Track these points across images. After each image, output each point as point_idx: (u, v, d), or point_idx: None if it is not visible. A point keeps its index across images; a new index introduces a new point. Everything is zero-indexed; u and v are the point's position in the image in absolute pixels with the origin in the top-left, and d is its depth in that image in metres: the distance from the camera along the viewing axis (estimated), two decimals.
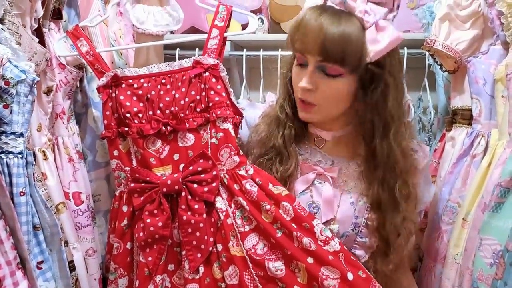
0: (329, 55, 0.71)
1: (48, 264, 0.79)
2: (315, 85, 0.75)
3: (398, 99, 0.78)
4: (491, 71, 0.93)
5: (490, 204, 0.77)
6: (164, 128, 0.79)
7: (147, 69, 0.81)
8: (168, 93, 0.79)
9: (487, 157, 0.90)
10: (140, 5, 0.84)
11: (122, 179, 0.83)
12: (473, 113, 0.98)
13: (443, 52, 1.00)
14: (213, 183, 0.78)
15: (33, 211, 0.78)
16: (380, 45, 0.70)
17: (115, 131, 0.82)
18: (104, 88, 0.82)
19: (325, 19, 0.70)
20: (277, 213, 0.76)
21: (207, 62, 0.79)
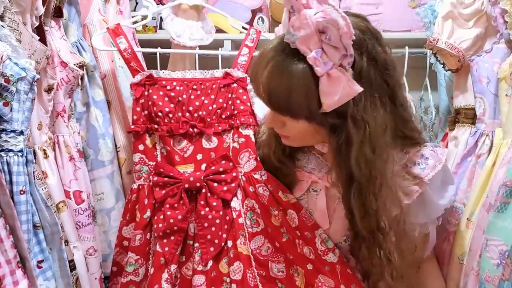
0: (276, 108, 0.70)
1: (49, 263, 0.79)
2: (280, 124, 0.73)
3: (367, 150, 0.67)
4: (495, 69, 0.93)
5: (496, 204, 0.76)
6: (191, 130, 0.87)
7: (181, 74, 0.89)
8: (198, 98, 0.87)
9: (491, 156, 0.90)
10: (178, 19, 0.93)
11: (143, 173, 0.88)
12: (477, 112, 0.98)
13: (446, 50, 0.99)
14: (232, 183, 0.85)
15: (33, 210, 0.77)
16: (331, 98, 0.63)
17: (144, 127, 0.88)
18: (137, 86, 0.88)
19: (272, 67, 0.65)
20: (283, 219, 0.82)
21: (237, 75, 0.89)
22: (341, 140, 0.68)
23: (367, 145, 0.67)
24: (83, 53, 0.99)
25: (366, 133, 0.66)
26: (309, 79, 0.63)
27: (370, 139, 0.67)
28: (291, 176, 0.84)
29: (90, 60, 1.00)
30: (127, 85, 1.14)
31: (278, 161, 0.83)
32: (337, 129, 0.68)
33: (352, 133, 0.66)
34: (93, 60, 1.02)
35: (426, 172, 0.77)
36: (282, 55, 0.65)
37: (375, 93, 0.67)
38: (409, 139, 0.79)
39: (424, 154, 0.79)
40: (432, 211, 0.82)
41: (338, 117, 0.66)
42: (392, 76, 0.70)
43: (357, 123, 0.66)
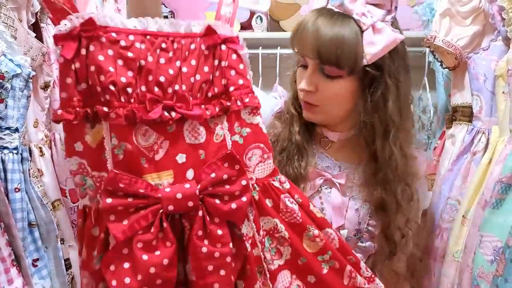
0: (324, 57, 0.72)
1: (44, 262, 0.78)
2: (314, 87, 0.75)
3: (399, 102, 0.76)
4: (492, 67, 0.92)
5: (491, 201, 0.76)
6: (166, 114, 0.52)
7: (140, 23, 0.52)
8: (170, 64, 0.53)
9: (487, 154, 0.89)
10: None
11: (88, 188, 0.51)
12: (474, 109, 0.97)
13: (444, 48, 0.99)
14: (242, 197, 0.54)
15: (28, 208, 0.77)
16: (376, 47, 0.70)
17: (82, 111, 0.50)
18: (66, 39, 0.48)
19: (321, 22, 0.71)
20: (327, 241, 0.58)
21: (225, 32, 0.56)
22: (379, 91, 0.74)
23: (398, 96, 0.75)
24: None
25: (397, 85, 0.75)
26: (356, 32, 0.70)
27: (401, 94, 0.75)
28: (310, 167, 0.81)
29: None
30: None
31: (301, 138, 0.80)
32: (374, 82, 0.73)
33: (390, 83, 0.73)
34: None
35: (420, 168, 0.82)
36: (328, 14, 0.72)
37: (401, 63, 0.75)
38: None
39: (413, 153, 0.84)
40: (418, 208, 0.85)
41: (377, 69, 0.72)
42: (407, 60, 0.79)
43: (391, 76, 0.74)
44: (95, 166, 0.51)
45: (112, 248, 0.49)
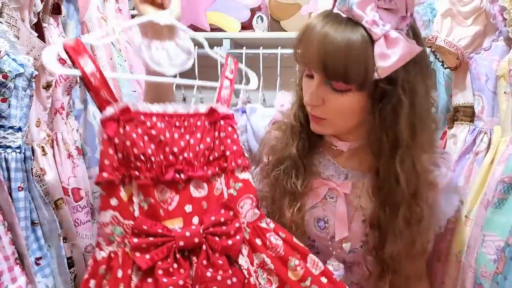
0: (331, 73, 0.66)
1: (47, 260, 0.79)
2: (321, 101, 0.70)
3: (413, 116, 0.69)
4: (494, 67, 0.93)
5: (493, 200, 0.76)
6: (177, 176, 0.68)
7: (161, 108, 0.70)
8: (182, 137, 0.70)
9: (489, 154, 0.89)
10: (154, 42, 0.73)
11: (116, 236, 0.64)
12: (476, 110, 0.98)
13: (445, 48, 0.99)
14: (236, 236, 0.69)
15: (31, 207, 0.77)
16: (389, 61, 0.62)
17: (120, 174, 0.65)
18: (109, 121, 0.65)
19: (327, 32, 0.64)
20: (306, 269, 0.70)
21: (223, 111, 0.74)
22: (389, 106, 0.68)
23: (413, 112, 0.68)
24: None
25: (412, 100, 0.68)
26: (367, 42, 0.63)
27: (416, 106, 0.68)
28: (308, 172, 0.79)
29: None
30: (125, 82, 1.14)
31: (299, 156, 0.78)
32: (386, 97, 0.67)
33: (403, 98, 0.67)
34: None
35: (440, 180, 0.76)
36: (335, 20, 0.65)
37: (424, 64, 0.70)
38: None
39: (436, 162, 0.77)
40: (437, 220, 0.80)
41: (389, 83, 0.66)
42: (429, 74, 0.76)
43: (406, 90, 0.67)
44: (125, 216, 0.65)
45: (140, 280, 0.64)
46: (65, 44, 0.66)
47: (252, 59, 1.44)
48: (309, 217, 0.81)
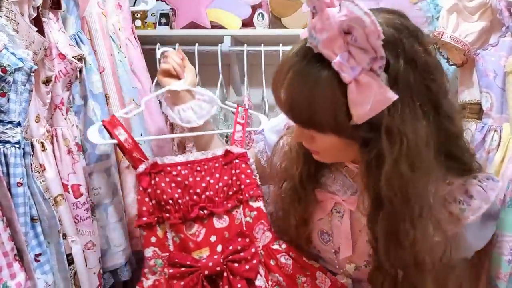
0: (299, 122, 0.62)
1: (46, 257, 0.78)
2: (309, 139, 0.66)
3: (405, 171, 0.58)
4: (502, 63, 0.91)
5: (506, 200, 0.74)
6: (201, 212, 0.83)
7: (184, 157, 0.86)
8: (203, 179, 0.84)
9: (499, 152, 0.88)
10: (177, 107, 0.93)
11: (158, 267, 0.81)
12: (484, 107, 0.96)
13: (452, 44, 0.98)
14: (253, 260, 0.80)
15: (30, 203, 0.76)
16: (362, 108, 0.54)
17: (155, 217, 0.82)
18: (143, 175, 0.82)
19: (292, 79, 0.58)
20: (313, 284, 0.77)
21: (237, 151, 0.88)
22: (372, 156, 0.59)
23: (404, 162, 0.58)
24: (82, 46, 0.98)
25: (403, 148, 0.57)
26: (335, 87, 0.55)
27: (409, 154, 0.57)
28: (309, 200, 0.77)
29: (88, 53, 0.99)
30: (125, 79, 1.13)
31: (300, 183, 0.75)
32: (369, 144, 0.59)
33: (385, 148, 0.57)
34: (92, 53, 1.01)
35: (466, 214, 0.66)
36: (304, 61, 0.58)
37: (415, 101, 0.57)
38: (457, 162, 0.67)
39: (469, 190, 0.67)
40: (462, 252, 0.70)
41: (371, 130, 0.57)
42: (436, 80, 0.59)
43: (392, 137, 0.57)
44: (163, 250, 0.81)
45: None
46: (103, 120, 0.87)
47: (253, 57, 1.43)
48: (314, 228, 0.79)
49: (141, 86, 1.25)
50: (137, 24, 1.60)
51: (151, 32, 1.58)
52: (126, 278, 1.02)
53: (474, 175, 0.68)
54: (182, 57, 0.97)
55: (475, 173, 0.68)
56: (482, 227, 0.70)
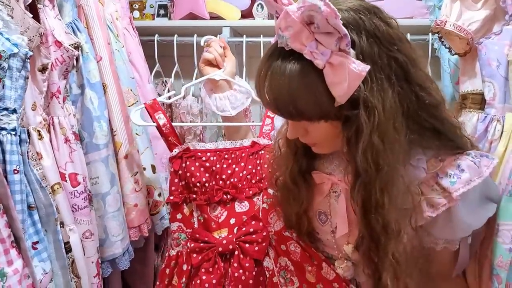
0: (287, 116, 0.65)
1: (44, 245, 0.77)
2: (303, 131, 0.68)
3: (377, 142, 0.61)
4: (505, 52, 0.89)
5: (507, 189, 0.73)
6: (225, 196, 0.90)
7: (214, 145, 0.94)
8: (229, 167, 0.92)
9: (502, 142, 0.87)
10: (215, 95, 0.97)
11: (181, 240, 0.91)
12: (486, 97, 0.94)
13: (455, 33, 0.96)
14: (263, 243, 0.86)
15: (27, 190, 0.75)
16: (341, 87, 0.58)
17: (182, 197, 0.92)
18: (175, 159, 0.92)
19: (271, 74, 0.61)
20: (318, 274, 0.81)
21: (263, 143, 0.94)
22: (352, 131, 0.62)
23: (375, 134, 0.61)
24: (78, 34, 0.96)
25: (375, 119, 0.60)
26: (312, 75, 0.58)
27: (380, 126, 0.60)
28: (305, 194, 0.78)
29: (85, 42, 0.97)
30: (123, 68, 1.12)
31: (293, 181, 0.77)
32: (350, 120, 0.62)
33: (363, 121, 0.60)
34: (89, 42, 0.99)
35: (456, 187, 0.67)
36: (278, 60, 0.61)
37: (381, 73, 0.60)
38: (446, 138, 0.69)
39: (461, 165, 0.68)
40: (459, 230, 0.72)
41: (352, 107, 0.60)
42: (401, 51, 0.62)
43: (368, 110, 0.60)
44: (187, 226, 0.92)
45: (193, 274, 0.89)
46: (145, 104, 0.96)
47: (252, 48, 1.41)
48: (313, 209, 0.80)
49: (139, 76, 1.24)
50: (135, 15, 1.59)
51: (149, 23, 1.57)
52: (124, 267, 1.02)
53: (468, 152, 0.70)
54: (224, 46, 0.99)
55: (468, 152, 0.70)
56: (478, 206, 0.71)
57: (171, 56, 1.40)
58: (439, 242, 0.73)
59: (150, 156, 1.16)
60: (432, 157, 0.69)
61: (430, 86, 0.66)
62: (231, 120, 0.98)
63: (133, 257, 1.06)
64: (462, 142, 0.71)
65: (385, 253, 0.65)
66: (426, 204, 0.68)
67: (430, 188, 0.68)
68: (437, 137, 0.69)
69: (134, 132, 1.11)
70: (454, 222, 0.69)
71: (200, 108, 1.37)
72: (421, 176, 0.69)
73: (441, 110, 0.68)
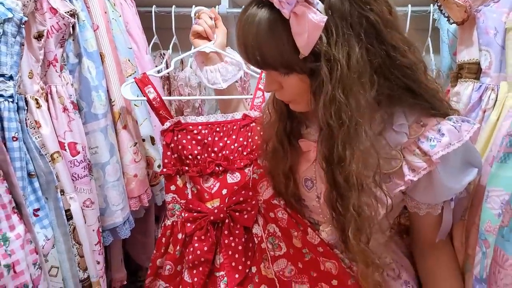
0: (258, 63, 0.65)
1: (45, 212, 0.78)
2: (277, 85, 0.69)
3: (339, 96, 0.62)
4: (503, 20, 0.89)
5: (498, 155, 0.73)
6: (217, 168, 0.93)
7: (205, 118, 0.96)
8: (221, 139, 0.94)
9: (495, 110, 0.87)
10: (206, 68, 0.97)
11: (176, 211, 0.95)
12: (482, 65, 0.94)
13: (453, 0, 0.95)
14: (252, 211, 0.90)
15: (27, 158, 0.76)
16: (302, 38, 0.59)
17: (175, 169, 0.95)
18: (167, 132, 0.94)
19: (242, 28, 0.63)
20: (304, 239, 0.84)
21: (254, 115, 0.96)
22: (316, 84, 0.63)
23: (338, 88, 0.62)
24: (74, 1, 0.95)
25: (338, 74, 0.61)
26: (279, 24, 0.60)
27: (342, 80, 0.61)
28: (293, 155, 0.80)
29: (81, 9, 0.96)
30: (121, 38, 1.11)
31: (279, 142, 0.79)
32: (315, 74, 0.63)
33: (323, 73, 0.61)
34: (85, 10, 0.98)
35: (436, 150, 0.68)
36: (253, 7, 0.63)
37: (350, 30, 0.61)
38: (423, 101, 0.70)
39: (442, 129, 0.70)
40: (440, 194, 0.74)
41: (315, 59, 0.61)
42: (374, 10, 0.62)
43: (330, 63, 0.61)
44: (181, 197, 0.96)
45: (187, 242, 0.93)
46: (135, 78, 0.98)
47: None
48: (299, 176, 0.82)
49: (137, 47, 1.23)
50: None
51: None
52: (125, 236, 1.04)
53: (449, 117, 0.71)
54: (215, 17, 0.99)
55: (450, 117, 0.71)
56: (459, 170, 0.73)
57: (169, 28, 1.39)
58: (422, 207, 0.76)
59: (149, 128, 1.16)
60: (414, 122, 0.71)
61: (405, 48, 0.66)
62: (222, 93, 0.99)
63: (133, 226, 1.08)
64: (440, 105, 0.72)
65: (347, 205, 0.67)
66: (407, 169, 0.70)
67: (412, 153, 0.70)
68: (411, 96, 0.70)
69: (133, 104, 1.10)
70: (435, 185, 0.71)
71: (198, 80, 1.37)
72: (403, 141, 0.71)
73: (417, 72, 0.69)
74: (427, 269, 0.84)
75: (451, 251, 0.84)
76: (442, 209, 0.79)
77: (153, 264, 0.96)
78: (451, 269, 0.82)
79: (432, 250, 0.83)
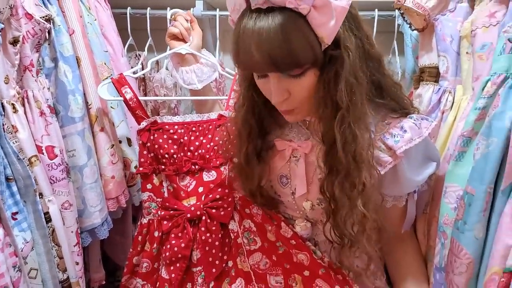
0: (283, 68, 0.65)
1: (23, 215, 0.79)
2: (287, 93, 0.69)
3: (352, 80, 0.67)
4: (458, 28, 0.96)
5: (454, 154, 0.80)
6: (193, 167, 0.96)
7: (181, 118, 0.98)
8: (197, 139, 0.96)
9: (452, 112, 0.94)
10: (181, 68, 0.99)
11: (152, 209, 0.97)
12: (440, 70, 1.02)
13: (414, 9, 1.02)
14: (228, 208, 0.93)
15: (4, 163, 0.76)
16: (329, 25, 0.61)
17: (151, 168, 0.97)
18: (143, 131, 0.96)
19: (259, 32, 0.61)
20: (277, 233, 0.87)
21: (229, 115, 0.95)
22: (332, 71, 0.66)
23: (352, 72, 0.67)
24: (49, 6, 0.95)
25: (352, 57, 0.67)
26: (298, 21, 0.61)
27: (355, 63, 0.67)
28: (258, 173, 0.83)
29: (56, 14, 0.97)
30: (96, 42, 1.12)
31: (246, 162, 0.82)
32: (331, 61, 0.66)
33: (345, 58, 0.66)
34: (60, 15, 0.99)
35: (399, 145, 0.75)
36: (260, 19, 0.62)
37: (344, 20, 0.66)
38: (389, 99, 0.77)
39: (404, 126, 0.76)
40: (404, 186, 0.81)
41: (335, 47, 0.66)
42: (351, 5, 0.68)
43: (347, 48, 0.66)
44: (157, 196, 0.97)
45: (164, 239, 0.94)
46: (112, 78, 1.00)
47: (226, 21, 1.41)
48: (275, 174, 0.86)
49: (113, 50, 1.24)
50: None
51: None
52: (103, 236, 1.06)
53: (410, 116, 0.78)
54: (190, 19, 1.01)
55: (411, 115, 0.78)
56: (420, 163, 0.80)
57: (144, 29, 1.40)
58: (388, 199, 0.83)
59: (126, 129, 1.18)
60: (379, 121, 0.78)
61: (373, 41, 0.73)
62: (198, 93, 1.02)
63: (111, 227, 1.10)
64: (404, 103, 0.79)
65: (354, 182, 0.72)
66: (375, 163, 0.76)
67: (378, 149, 0.76)
68: (380, 95, 0.76)
69: (109, 106, 1.12)
70: (400, 178, 0.78)
71: (174, 81, 1.39)
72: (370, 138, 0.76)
73: (382, 66, 0.76)
74: (395, 261, 0.90)
75: (416, 243, 0.92)
76: (407, 202, 0.86)
77: (130, 262, 0.97)
78: (416, 259, 0.89)
79: (400, 243, 0.90)
